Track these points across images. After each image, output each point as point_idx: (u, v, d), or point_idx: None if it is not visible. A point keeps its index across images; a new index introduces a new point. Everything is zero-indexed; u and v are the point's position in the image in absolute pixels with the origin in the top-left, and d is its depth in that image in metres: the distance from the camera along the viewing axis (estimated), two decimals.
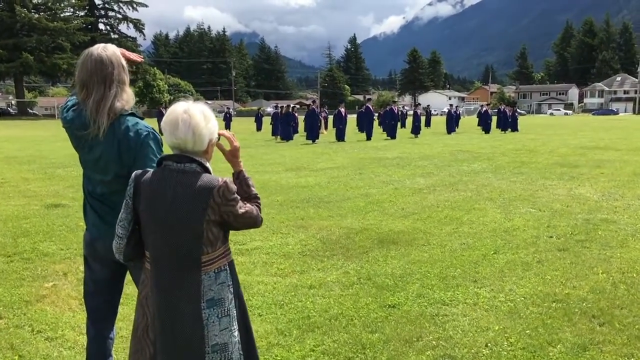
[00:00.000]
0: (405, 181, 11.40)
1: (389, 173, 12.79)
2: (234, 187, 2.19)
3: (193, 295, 2.16)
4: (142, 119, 2.66)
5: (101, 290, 2.84)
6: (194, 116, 2.15)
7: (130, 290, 3.74)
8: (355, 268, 5.46)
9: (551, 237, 6.57)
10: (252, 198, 2.34)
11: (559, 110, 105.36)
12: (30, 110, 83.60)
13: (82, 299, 4.78)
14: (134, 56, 2.89)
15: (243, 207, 2.23)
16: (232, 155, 2.38)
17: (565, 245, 6.15)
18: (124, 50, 2.79)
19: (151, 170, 2.27)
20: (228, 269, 2.26)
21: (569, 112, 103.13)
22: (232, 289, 2.26)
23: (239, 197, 2.21)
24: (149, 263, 2.26)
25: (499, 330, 3.92)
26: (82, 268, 5.72)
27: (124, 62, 2.64)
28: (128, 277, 2.86)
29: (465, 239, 6.52)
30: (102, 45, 2.69)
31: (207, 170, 2.20)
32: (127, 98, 2.62)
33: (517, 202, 8.87)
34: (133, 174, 2.30)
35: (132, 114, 2.63)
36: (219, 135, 2.30)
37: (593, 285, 4.82)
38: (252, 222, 2.28)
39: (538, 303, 4.42)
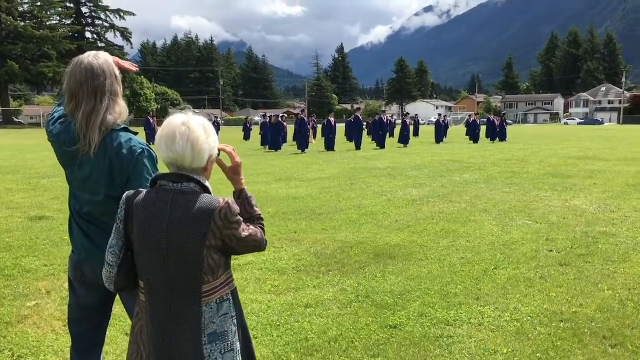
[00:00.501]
0: (397, 192, 11.23)
1: (380, 184, 12.62)
2: (236, 208, 1.98)
3: (193, 329, 1.94)
4: (135, 134, 2.44)
5: (87, 317, 2.61)
6: (194, 129, 1.94)
7: (117, 310, 3.52)
8: (352, 285, 5.25)
9: (551, 251, 6.41)
10: (255, 219, 2.14)
11: (574, 120, 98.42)
12: (15, 119, 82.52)
13: (66, 320, 4.56)
14: (128, 65, 2.69)
15: (246, 230, 2.02)
16: (233, 173, 2.18)
17: (566, 260, 5.99)
18: (118, 59, 2.58)
19: (144, 191, 2.04)
20: (231, 298, 2.04)
21: (581, 120, 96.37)
22: (235, 321, 2.04)
23: (241, 219, 2.00)
24: (143, 294, 2.03)
25: (508, 353, 3.73)
26: (66, 286, 5.45)
27: (117, 72, 2.45)
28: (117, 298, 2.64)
29: (464, 253, 6.34)
30: (93, 53, 2.48)
31: (206, 190, 1.98)
32: (120, 111, 2.41)
33: (512, 214, 8.72)
34: (124, 196, 2.07)
35: (126, 129, 2.42)
36: (219, 150, 2.10)
37: (600, 304, 4.66)
38: (256, 245, 2.08)
39: (545, 323, 4.24)
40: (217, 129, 36.38)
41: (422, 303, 4.73)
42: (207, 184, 2.00)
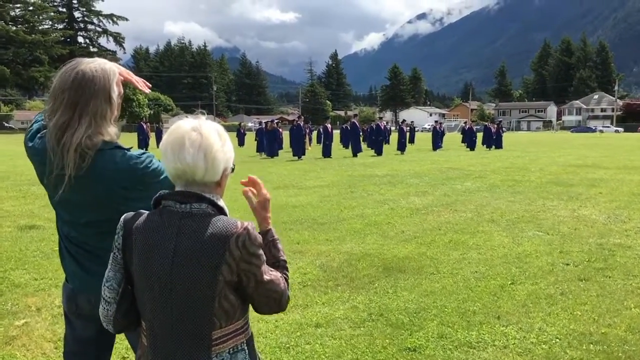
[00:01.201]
0: (400, 200, 10.94)
1: (381, 192, 12.33)
2: (258, 236, 1.62)
3: None
4: (129, 149, 2.05)
5: (85, 352, 2.28)
6: (207, 136, 1.60)
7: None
8: (363, 301, 4.94)
9: (567, 264, 6.13)
10: (280, 266, 1.76)
11: (609, 127, 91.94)
12: (6, 124, 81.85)
13: (58, 341, 4.21)
14: (141, 84, 2.26)
15: (268, 273, 1.64)
16: (261, 208, 1.80)
17: (585, 275, 5.71)
18: (128, 74, 2.17)
19: (146, 212, 1.70)
20: (247, 348, 1.68)
21: (620, 129, 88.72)
22: None
23: (264, 255, 1.64)
24: (145, 337, 1.69)
25: None
26: (57, 302, 5.13)
27: (112, 92, 2.02)
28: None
29: (477, 267, 6.05)
30: (100, 61, 2.06)
31: (221, 211, 1.63)
32: (112, 134, 2.02)
33: (521, 224, 8.44)
34: (122, 219, 1.72)
35: (118, 147, 2.03)
36: (249, 181, 1.76)
37: (629, 323, 4.37)
38: (277, 298, 1.67)
39: (575, 345, 3.95)
40: None
41: (439, 322, 4.42)
42: (221, 203, 1.65)
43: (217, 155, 1.60)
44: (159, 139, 35.06)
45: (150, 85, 2.34)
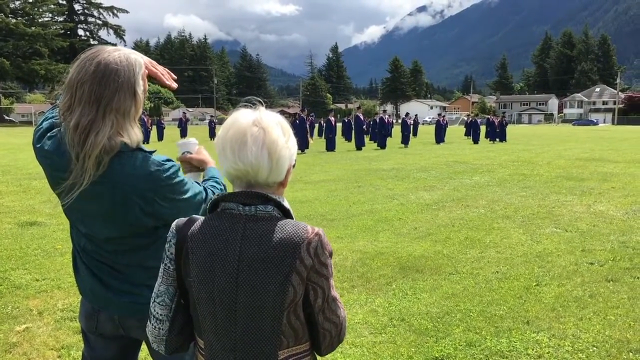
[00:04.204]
0: (409, 195, 10.68)
1: (389, 186, 12.06)
2: (329, 244, 1.40)
3: None
4: (152, 152, 1.78)
5: None
6: (270, 130, 1.38)
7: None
8: (382, 304, 4.69)
9: (592, 264, 5.87)
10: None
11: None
12: (6, 117, 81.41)
13: (61, 349, 3.96)
14: (167, 77, 1.96)
15: (334, 289, 1.44)
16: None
17: (612, 275, 5.45)
18: (154, 65, 1.87)
19: (201, 217, 1.47)
20: None
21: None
22: None
23: (332, 266, 1.43)
24: (202, 356, 1.47)
25: None
26: (60, 305, 4.87)
27: (138, 87, 1.73)
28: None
29: (497, 266, 5.79)
30: (125, 50, 1.77)
31: (287, 214, 1.43)
32: (135, 139, 1.73)
33: (537, 220, 8.18)
34: (174, 225, 1.49)
35: (140, 149, 1.75)
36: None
37: None
38: (337, 323, 1.46)
39: (614, 355, 3.69)
40: (214, 129, 35.78)
41: (466, 328, 4.17)
42: (286, 204, 1.43)
43: (282, 152, 1.39)
44: (160, 132, 34.72)
45: (176, 77, 2.03)
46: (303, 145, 23.70)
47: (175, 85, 1.99)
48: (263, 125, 1.37)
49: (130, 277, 1.84)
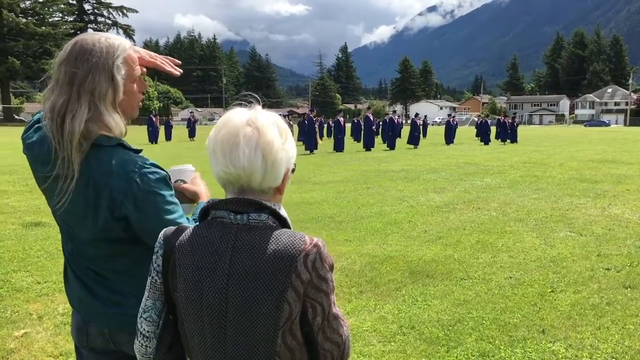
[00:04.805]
0: (418, 197, 10.50)
1: (398, 188, 11.89)
2: (330, 256, 1.27)
3: None
4: (138, 151, 1.64)
5: None
6: (265, 131, 1.25)
7: None
8: (391, 311, 4.54)
9: (608, 269, 5.69)
10: None
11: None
12: (16, 117, 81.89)
13: (60, 356, 3.84)
14: (168, 65, 1.81)
15: (336, 306, 1.30)
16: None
17: (629, 281, 5.27)
18: (148, 54, 1.73)
19: (190, 226, 1.33)
20: None
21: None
22: None
23: (333, 282, 1.29)
24: None
25: None
26: (60, 309, 4.75)
27: (115, 70, 1.57)
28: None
29: (510, 272, 5.62)
30: (110, 34, 1.63)
31: (284, 223, 1.29)
32: (113, 125, 1.57)
33: (550, 224, 7.99)
34: (161, 234, 1.36)
35: (121, 144, 1.60)
36: None
37: None
38: (339, 343, 1.32)
39: None
40: None
41: (478, 337, 4.00)
42: (283, 213, 1.30)
43: (277, 155, 1.26)
44: (168, 132, 34.72)
45: (180, 62, 1.87)
46: (311, 145, 23.56)
47: (177, 72, 1.85)
48: (257, 125, 1.24)
49: (117, 285, 1.71)
